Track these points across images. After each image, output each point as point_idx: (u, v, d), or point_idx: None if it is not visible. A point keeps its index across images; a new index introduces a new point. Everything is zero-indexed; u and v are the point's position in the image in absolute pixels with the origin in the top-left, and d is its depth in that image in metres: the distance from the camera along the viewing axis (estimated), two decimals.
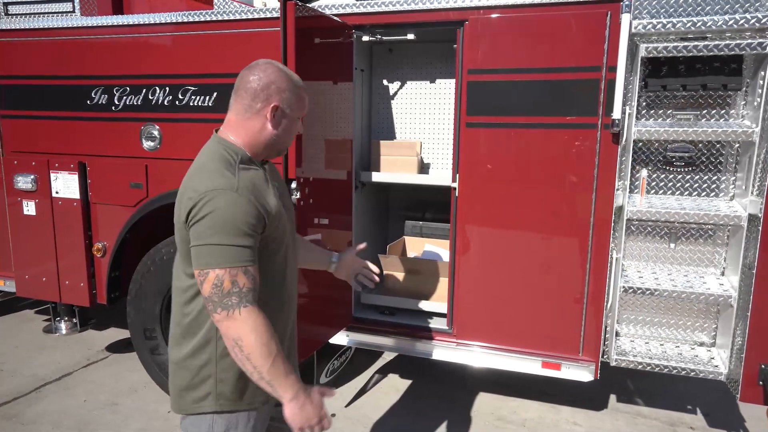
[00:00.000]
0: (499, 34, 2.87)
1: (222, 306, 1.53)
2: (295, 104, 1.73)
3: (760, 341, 2.65)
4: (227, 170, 1.60)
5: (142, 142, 3.63)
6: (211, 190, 1.55)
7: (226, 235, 1.53)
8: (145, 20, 3.50)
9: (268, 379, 1.56)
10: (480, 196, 3.05)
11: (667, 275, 2.90)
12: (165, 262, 3.58)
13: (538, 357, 3.05)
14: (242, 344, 1.53)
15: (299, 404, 1.59)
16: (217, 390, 1.69)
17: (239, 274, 1.54)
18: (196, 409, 1.71)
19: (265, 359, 1.54)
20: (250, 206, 1.57)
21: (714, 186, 2.83)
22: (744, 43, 2.50)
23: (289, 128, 1.74)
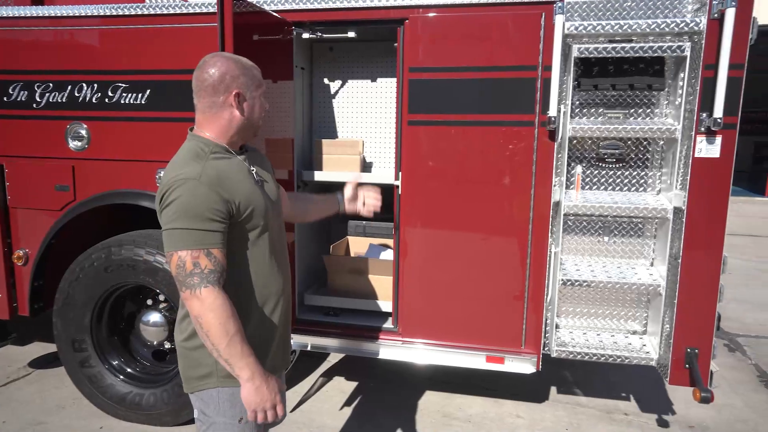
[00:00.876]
0: (439, 32, 2.90)
1: (185, 285, 1.67)
2: (252, 84, 1.85)
3: (686, 326, 2.81)
4: (194, 161, 1.74)
5: (68, 142, 3.42)
6: (176, 179, 1.68)
7: (188, 219, 1.66)
8: (70, 12, 3.29)
9: (225, 357, 1.68)
10: (422, 194, 3.07)
11: (602, 267, 3.02)
12: (95, 269, 3.37)
13: (483, 352, 3.10)
14: (201, 322, 1.66)
15: (255, 386, 1.71)
16: (218, 367, 1.79)
17: (201, 256, 1.67)
18: (202, 386, 1.85)
19: (221, 338, 1.65)
20: (212, 193, 1.68)
21: (642, 181, 2.98)
22: (665, 45, 2.65)
23: (254, 107, 1.88)
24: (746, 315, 5.78)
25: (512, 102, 2.86)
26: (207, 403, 1.87)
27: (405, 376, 4.23)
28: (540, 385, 4.16)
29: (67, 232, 3.53)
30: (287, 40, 3.19)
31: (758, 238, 9.47)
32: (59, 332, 3.54)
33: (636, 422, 3.73)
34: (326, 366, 4.44)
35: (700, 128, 2.65)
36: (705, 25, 2.58)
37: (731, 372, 4.49)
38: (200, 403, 1.90)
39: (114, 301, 3.57)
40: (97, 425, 3.55)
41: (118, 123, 3.32)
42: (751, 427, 3.69)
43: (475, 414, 3.79)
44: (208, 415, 1.89)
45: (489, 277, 3.04)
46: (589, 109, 2.95)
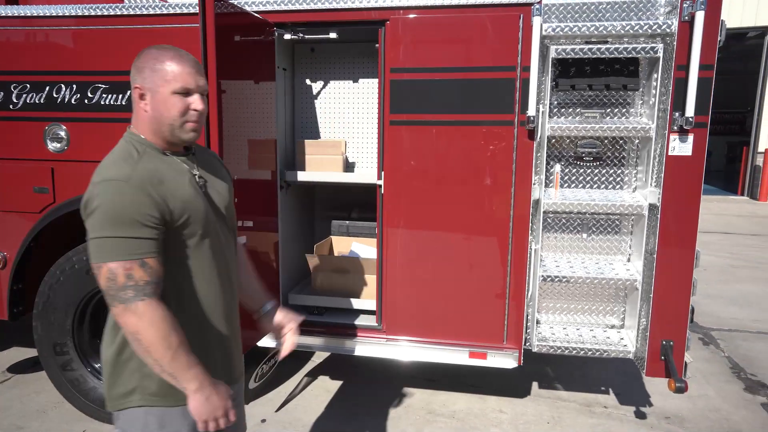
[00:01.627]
0: (419, 34, 2.94)
1: (118, 300, 1.50)
2: (153, 77, 1.62)
3: (662, 320, 2.90)
4: (125, 162, 1.57)
5: (47, 144, 3.38)
6: (102, 181, 1.52)
7: (118, 227, 1.50)
8: (47, 12, 3.26)
9: (170, 372, 1.55)
10: (405, 193, 3.11)
11: (581, 264, 3.10)
12: (76, 272, 3.34)
13: (466, 348, 3.15)
14: (140, 338, 1.51)
15: (204, 396, 1.59)
16: (143, 384, 1.66)
17: (134, 267, 1.51)
18: (125, 404, 1.68)
19: (165, 352, 1.52)
20: (143, 196, 1.52)
21: (619, 179, 3.06)
22: (639, 47, 2.73)
23: (162, 103, 1.62)
24: (720, 310, 5.94)
25: (492, 102, 2.91)
26: (131, 424, 1.69)
27: (390, 374, 4.27)
28: (522, 381, 4.23)
29: (47, 234, 3.49)
30: (269, 41, 3.21)
31: (731, 236, 9.72)
32: (40, 336, 3.50)
33: (615, 415, 3.82)
34: (311, 365, 4.45)
35: (673, 127, 2.73)
36: (676, 27, 2.67)
37: (705, 364, 4.62)
38: (123, 424, 1.71)
39: (96, 304, 3.54)
40: (79, 428, 3.51)
41: (98, 124, 3.29)
42: (723, 416, 3.80)
43: (459, 410, 3.84)
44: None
45: (471, 275, 3.09)
46: (567, 109, 3.02)
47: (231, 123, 2.87)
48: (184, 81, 1.63)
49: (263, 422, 3.62)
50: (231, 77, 2.83)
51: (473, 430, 3.61)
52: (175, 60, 1.64)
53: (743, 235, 9.79)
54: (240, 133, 3.02)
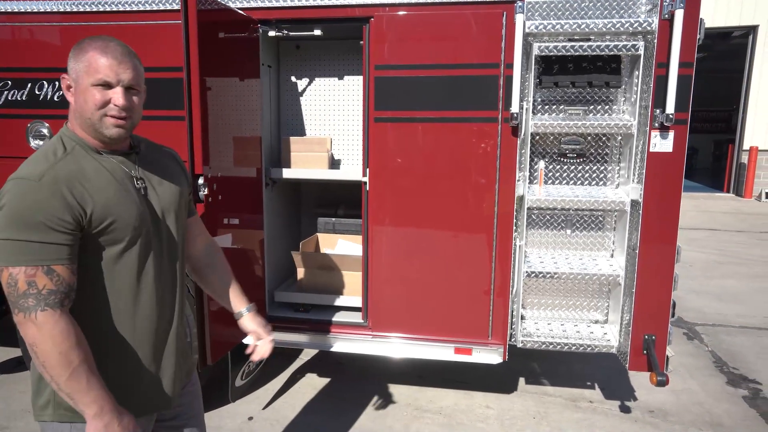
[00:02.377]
0: (403, 31, 2.95)
1: (18, 307, 1.39)
2: (76, 67, 1.53)
3: (644, 314, 2.93)
4: (45, 159, 1.48)
5: (30, 141, 3.35)
6: (12, 179, 1.42)
7: (22, 229, 1.38)
8: (28, 8, 3.23)
9: (67, 392, 1.41)
10: (390, 190, 3.12)
11: (565, 259, 3.12)
12: None
13: (451, 344, 3.16)
14: (37, 351, 1.39)
15: (104, 422, 1.44)
16: (56, 399, 1.54)
17: (38, 273, 1.38)
18: (40, 416, 1.58)
19: (62, 369, 1.39)
20: (55, 198, 1.41)
21: (602, 175, 3.08)
22: (620, 44, 2.75)
23: (82, 95, 1.53)
24: (705, 305, 6.01)
25: (476, 99, 2.93)
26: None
27: (378, 371, 4.28)
28: (509, 377, 4.26)
29: None
30: (253, 38, 3.20)
31: (717, 232, 9.83)
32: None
33: (600, 409, 3.86)
34: (298, 363, 4.45)
35: (654, 124, 2.76)
36: (657, 25, 2.70)
37: (689, 359, 4.67)
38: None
39: None
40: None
41: None
42: (706, 409, 3.85)
43: (446, 406, 3.86)
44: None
45: (456, 271, 3.11)
46: (551, 106, 3.05)
47: (215, 120, 2.86)
48: (103, 73, 1.52)
49: (250, 420, 3.62)
50: (215, 74, 2.82)
51: (460, 425, 3.63)
52: (98, 50, 1.53)
53: (729, 231, 9.91)
54: (225, 130, 3.02)
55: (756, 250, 8.46)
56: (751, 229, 10.10)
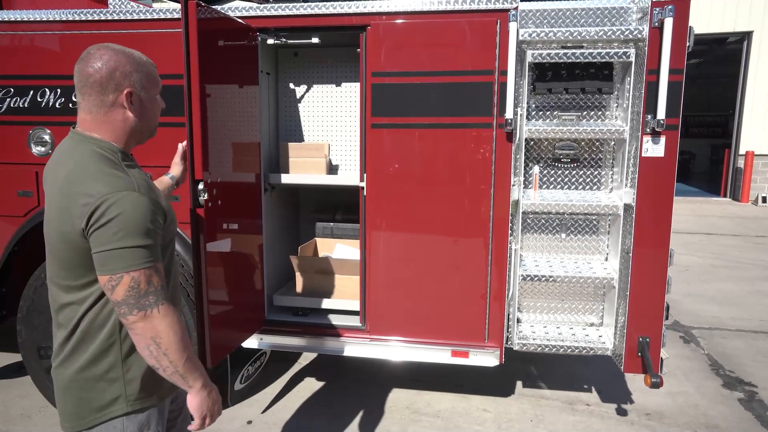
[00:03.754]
0: (400, 39, 3.00)
1: (138, 307, 1.52)
2: (147, 83, 1.66)
3: (638, 317, 2.97)
4: (116, 170, 1.56)
5: (32, 147, 3.39)
6: (112, 192, 1.50)
7: (137, 236, 1.51)
8: (31, 17, 3.28)
9: (182, 372, 1.59)
10: (387, 195, 3.16)
11: (560, 263, 3.16)
12: None
13: (448, 347, 3.20)
14: (160, 341, 1.54)
15: (207, 392, 1.66)
16: (127, 391, 1.65)
17: (153, 274, 1.54)
18: (103, 417, 1.64)
19: (182, 354, 1.57)
20: (151, 204, 1.55)
21: (596, 180, 3.13)
22: (612, 52, 2.81)
23: (152, 109, 1.70)
24: (701, 308, 6.05)
25: (471, 105, 2.98)
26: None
27: (375, 374, 4.31)
28: (506, 380, 4.29)
29: (31, 238, 3.50)
30: (252, 45, 3.25)
31: (713, 236, 9.88)
32: (24, 340, 3.50)
33: (597, 412, 3.89)
34: (297, 368, 4.48)
35: (645, 129, 2.82)
36: (647, 33, 2.75)
37: (685, 362, 4.71)
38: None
39: None
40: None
41: None
42: (701, 411, 3.89)
43: (443, 409, 3.89)
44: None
45: (452, 275, 3.15)
46: (545, 112, 3.10)
47: (215, 126, 2.90)
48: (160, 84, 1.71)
49: (249, 423, 3.64)
50: (214, 81, 2.87)
51: (457, 428, 3.66)
52: (151, 63, 1.68)
53: (725, 235, 9.96)
54: (224, 136, 3.06)
55: (752, 254, 8.52)
56: (747, 233, 10.16)
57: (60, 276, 1.64)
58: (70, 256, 1.58)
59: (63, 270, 1.62)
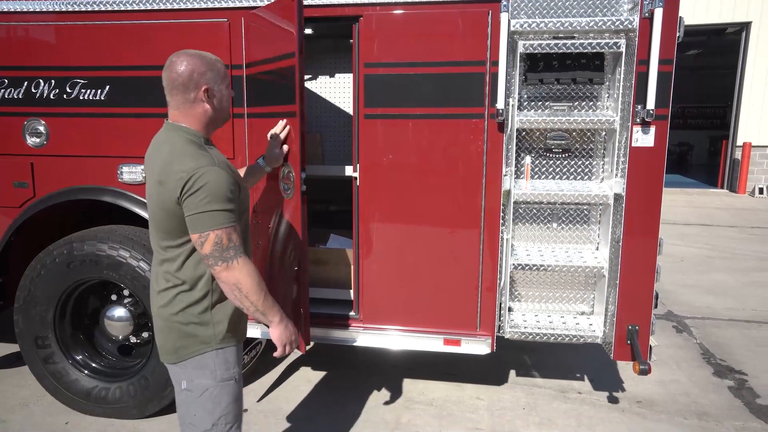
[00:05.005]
0: (392, 29, 3.01)
1: (222, 259, 1.91)
2: (218, 78, 2.05)
3: (628, 305, 3.00)
4: (201, 150, 1.97)
5: (26, 138, 3.41)
6: (200, 167, 1.89)
7: (220, 202, 1.90)
8: (24, 7, 3.28)
9: (262, 310, 2.00)
10: (380, 185, 3.18)
11: (551, 253, 3.19)
12: (57, 265, 3.38)
13: (441, 335, 3.23)
14: (241, 286, 1.94)
15: (284, 325, 2.07)
16: (216, 332, 2.07)
17: (232, 232, 1.93)
18: (196, 352, 2.07)
19: (259, 295, 1.98)
20: (230, 177, 1.95)
21: (587, 170, 3.15)
22: (602, 42, 2.82)
23: (222, 99, 2.09)
24: (695, 299, 6.10)
25: (463, 96, 2.99)
26: (200, 370, 2.08)
27: (371, 364, 4.35)
28: (500, 369, 4.34)
29: (27, 228, 3.53)
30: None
31: (709, 227, 9.93)
32: (21, 330, 3.54)
33: (589, 400, 3.94)
34: (293, 357, 4.52)
35: (635, 119, 2.83)
36: (637, 23, 2.76)
37: (678, 351, 4.76)
38: (192, 373, 2.08)
39: (78, 297, 3.58)
40: (62, 421, 3.56)
41: (77, 119, 3.33)
42: (692, 399, 3.94)
43: (437, 398, 3.94)
44: (199, 382, 2.08)
45: (444, 264, 3.18)
46: (537, 102, 3.11)
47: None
48: (229, 77, 2.13)
49: (245, 411, 3.69)
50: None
51: (450, 416, 3.70)
52: (219, 60, 2.08)
53: (721, 226, 10.00)
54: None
55: (747, 245, 8.56)
56: (744, 224, 10.20)
57: (159, 238, 2.05)
58: (167, 222, 1.97)
59: (161, 233, 2.03)
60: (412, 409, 3.78)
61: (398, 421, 3.63)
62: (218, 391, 2.10)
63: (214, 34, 3.11)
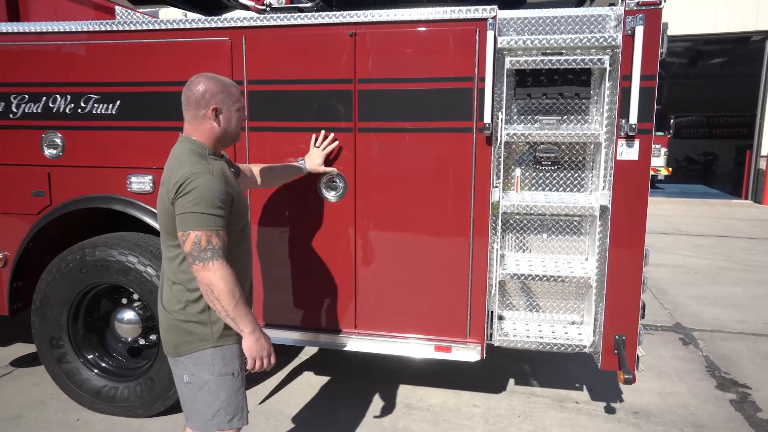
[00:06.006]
0: (385, 47, 3.12)
1: (199, 259, 2.05)
2: (227, 100, 2.24)
3: (615, 315, 3.05)
4: (201, 160, 2.16)
5: (44, 150, 3.63)
6: (194, 173, 2.09)
7: (205, 206, 2.06)
8: (42, 29, 3.51)
9: (232, 316, 2.11)
10: (374, 195, 3.29)
11: (540, 263, 3.26)
12: (71, 270, 3.58)
13: (432, 342, 3.32)
14: (213, 288, 2.07)
15: (255, 337, 2.16)
16: (213, 330, 2.22)
17: (213, 235, 2.06)
18: (195, 348, 2.23)
19: (230, 300, 2.08)
20: (221, 185, 2.12)
21: (576, 182, 3.22)
22: (587, 58, 2.90)
23: (230, 120, 2.27)
24: (703, 310, 6.04)
25: (451, 110, 3.09)
26: (199, 365, 2.23)
27: (373, 370, 4.45)
28: (499, 378, 4.39)
29: (44, 235, 3.74)
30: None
31: (725, 239, 9.77)
32: (37, 330, 3.74)
33: (585, 410, 3.97)
34: (297, 362, 4.65)
35: (620, 133, 2.90)
36: (620, 40, 2.84)
37: (681, 363, 4.74)
38: (192, 367, 2.25)
39: (90, 300, 3.77)
40: (74, 417, 3.74)
41: (90, 132, 3.53)
42: (691, 411, 3.93)
43: (434, 404, 4.01)
44: (199, 376, 2.25)
45: (435, 273, 3.27)
46: (527, 116, 3.19)
47: None
48: (241, 101, 2.31)
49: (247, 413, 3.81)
50: None
51: (445, 422, 3.78)
52: (233, 85, 2.28)
53: (740, 238, 9.84)
54: None
55: (764, 257, 8.41)
56: (763, 236, 10.01)
57: (164, 238, 2.24)
58: (168, 222, 2.15)
59: (165, 233, 2.22)
60: (409, 414, 3.86)
61: (395, 426, 3.71)
62: (216, 385, 2.25)
63: (216, 51, 3.28)
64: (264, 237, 3.48)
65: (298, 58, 3.22)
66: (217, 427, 2.29)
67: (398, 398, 4.09)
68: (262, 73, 3.27)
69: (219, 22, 3.28)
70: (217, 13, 4.71)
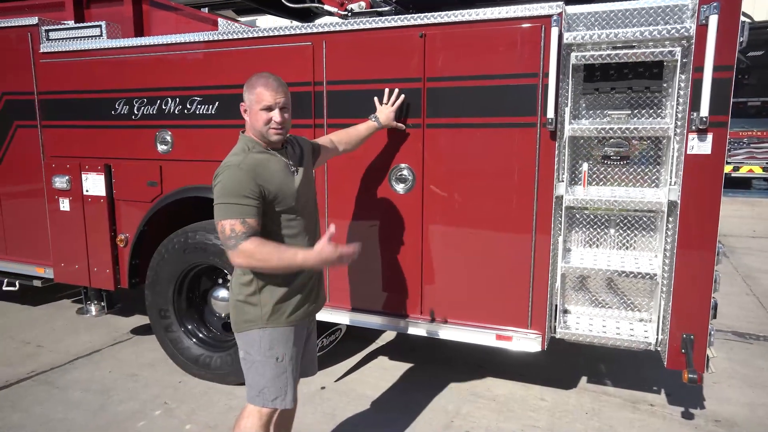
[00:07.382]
0: (453, 46, 3.26)
1: (227, 247, 2.27)
2: (251, 98, 2.40)
3: (682, 314, 2.97)
4: (239, 154, 2.35)
5: (157, 146, 4.19)
6: (223, 166, 2.32)
7: (227, 197, 2.25)
8: (161, 41, 4.05)
9: (283, 266, 2.30)
10: (444, 190, 3.43)
11: (605, 258, 3.24)
12: (176, 251, 4.10)
13: (493, 330, 3.42)
14: (255, 264, 2.29)
15: (312, 260, 2.27)
16: (262, 312, 2.42)
17: (237, 223, 2.23)
18: (248, 327, 2.45)
19: (271, 262, 2.27)
20: (248, 178, 2.26)
21: (647, 177, 3.15)
22: (657, 51, 2.84)
23: (254, 119, 2.39)
24: None
25: (517, 106, 3.15)
26: (250, 344, 2.45)
27: (443, 358, 4.60)
28: (571, 374, 4.35)
29: (156, 220, 4.31)
30: None
31: None
32: (150, 303, 4.32)
33: (660, 413, 3.84)
34: (374, 347, 4.92)
35: (691, 127, 2.82)
36: (694, 30, 2.75)
37: None
38: (245, 345, 2.48)
39: (192, 278, 4.29)
40: (177, 379, 4.29)
41: (194, 130, 4.02)
42: None
43: (501, 394, 4.09)
44: (251, 354, 2.47)
45: (498, 265, 3.35)
46: (595, 111, 3.18)
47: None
48: (266, 101, 2.36)
49: (323, 389, 4.14)
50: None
51: (509, 412, 3.84)
52: (262, 85, 2.37)
53: None
54: None
55: None
56: None
57: None
58: None
59: None
60: (474, 402, 3.97)
61: (458, 412, 3.85)
62: (262, 366, 2.44)
63: (300, 55, 3.61)
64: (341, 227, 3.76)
65: (371, 59, 3.45)
66: (262, 403, 2.47)
67: (465, 386, 4.20)
68: (339, 74, 3.55)
69: (302, 28, 3.60)
70: (310, 19, 5.09)
